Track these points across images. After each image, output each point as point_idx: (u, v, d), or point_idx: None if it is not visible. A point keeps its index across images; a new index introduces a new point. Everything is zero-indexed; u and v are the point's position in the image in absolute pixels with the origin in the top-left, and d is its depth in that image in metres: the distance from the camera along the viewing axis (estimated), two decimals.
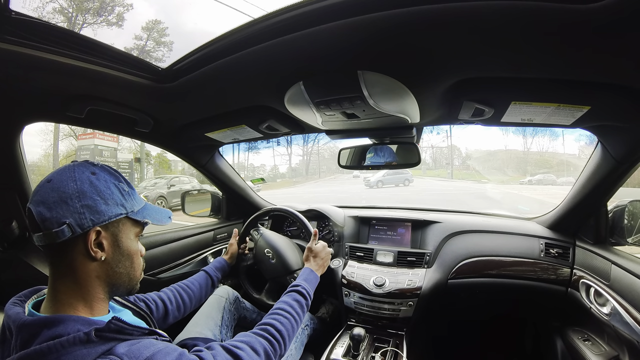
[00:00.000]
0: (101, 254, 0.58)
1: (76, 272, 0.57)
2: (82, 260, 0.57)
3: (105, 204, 0.58)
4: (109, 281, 0.61)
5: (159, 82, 0.89)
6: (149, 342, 0.55)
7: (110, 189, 0.60)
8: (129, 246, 0.63)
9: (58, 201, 0.54)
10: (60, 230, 0.53)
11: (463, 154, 28.73)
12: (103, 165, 0.63)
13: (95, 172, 0.60)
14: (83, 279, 0.57)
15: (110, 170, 0.63)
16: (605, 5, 0.45)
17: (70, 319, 0.52)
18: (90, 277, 0.58)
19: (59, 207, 0.54)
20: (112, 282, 0.62)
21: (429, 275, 1.37)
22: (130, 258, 0.64)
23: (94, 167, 0.61)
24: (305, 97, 0.86)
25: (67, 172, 0.57)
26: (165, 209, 0.74)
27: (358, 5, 0.55)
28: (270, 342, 0.78)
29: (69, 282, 0.57)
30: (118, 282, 0.63)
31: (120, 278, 0.63)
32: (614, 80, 0.68)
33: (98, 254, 0.58)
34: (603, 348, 1.13)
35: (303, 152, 30.04)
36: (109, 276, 0.61)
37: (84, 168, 0.59)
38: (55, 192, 0.55)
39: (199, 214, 1.88)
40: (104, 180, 0.60)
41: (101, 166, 0.63)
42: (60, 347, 0.47)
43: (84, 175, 0.57)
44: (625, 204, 1.13)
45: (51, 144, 16.02)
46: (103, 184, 0.59)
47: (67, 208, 0.54)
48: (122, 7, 16.07)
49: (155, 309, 0.95)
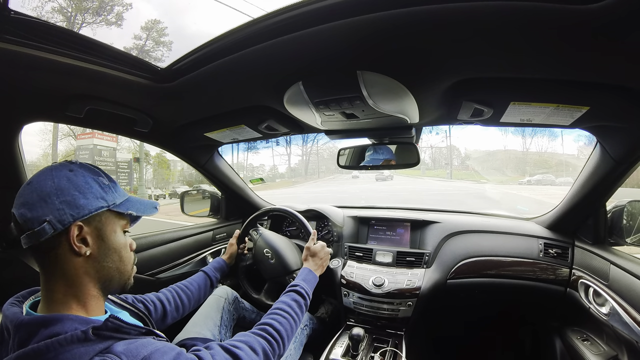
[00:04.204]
0: (85, 249, 0.58)
1: (65, 270, 0.57)
2: (68, 257, 0.57)
3: (84, 198, 0.58)
4: (98, 277, 0.60)
5: (158, 82, 0.88)
6: (147, 341, 0.55)
7: (89, 183, 0.59)
8: (115, 240, 0.63)
9: (38, 200, 0.55)
10: (41, 228, 0.53)
11: (462, 154, 28.84)
12: (82, 162, 0.63)
13: (72, 169, 0.60)
14: (72, 277, 0.57)
15: (88, 167, 0.63)
16: (604, 6, 0.45)
17: (68, 318, 0.52)
18: (79, 274, 0.58)
19: (39, 206, 0.54)
20: (102, 278, 0.61)
21: (428, 275, 1.37)
22: (118, 252, 0.63)
23: (71, 164, 0.61)
24: (305, 97, 0.86)
25: (45, 172, 0.58)
26: (150, 200, 0.74)
27: (358, 6, 0.55)
28: (269, 342, 0.78)
29: (60, 281, 0.57)
30: (108, 278, 0.62)
31: (109, 273, 0.62)
32: (613, 81, 0.68)
33: (82, 249, 0.57)
34: (602, 348, 1.13)
35: (302, 152, 30.11)
36: (98, 271, 0.60)
37: (61, 167, 0.59)
38: (35, 193, 0.55)
39: (198, 214, 1.88)
40: (81, 175, 0.59)
41: (79, 164, 0.62)
42: (58, 345, 0.47)
43: (61, 173, 0.58)
44: (624, 204, 1.13)
45: (50, 143, 16.02)
46: (81, 179, 0.59)
47: (47, 206, 0.54)
48: (122, 6, 16.07)
49: (154, 309, 0.95)
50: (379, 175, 19.31)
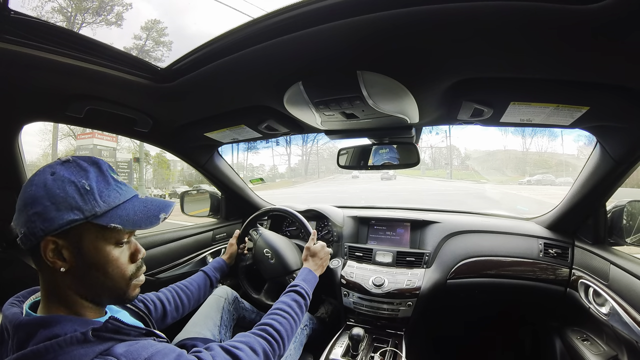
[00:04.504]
0: (61, 264, 0.52)
1: (49, 282, 0.55)
2: (49, 270, 0.53)
3: (56, 210, 0.51)
4: (83, 292, 0.56)
5: (158, 82, 0.89)
6: (148, 342, 0.55)
7: (66, 191, 0.52)
8: (95, 256, 0.55)
9: (19, 208, 0.52)
10: (19, 239, 0.52)
11: (462, 154, 28.87)
12: (72, 159, 0.56)
13: (55, 171, 0.53)
14: (57, 290, 0.54)
15: (75, 166, 0.55)
16: (604, 6, 0.45)
17: (67, 319, 0.52)
18: (61, 288, 0.54)
19: (19, 214, 0.52)
20: (88, 294, 0.56)
21: (427, 275, 1.37)
22: (101, 268, 0.55)
23: (58, 165, 0.54)
24: (305, 97, 0.86)
25: (32, 176, 0.54)
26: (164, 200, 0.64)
27: (358, 6, 0.55)
28: (269, 342, 0.78)
29: (50, 289, 0.55)
30: (95, 294, 0.57)
31: (94, 289, 0.56)
32: (613, 81, 0.68)
33: (57, 264, 0.52)
34: (602, 348, 1.13)
35: (302, 152, 30.13)
36: (81, 287, 0.55)
37: (47, 168, 0.54)
38: (20, 199, 0.53)
39: (198, 214, 1.88)
40: (60, 180, 0.52)
41: (67, 163, 0.55)
42: (57, 347, 0.47)
43: (41, 178, 0.53)
44: (624, 204, 1.13)
45: (50, 143, 16.02)
46: (58, 185, 0.52)
47: (22, 216, 0.51)
48: (122, 6, 16.09)
49: (154, 309, 0.95)
50: (385, 174, 19.70)
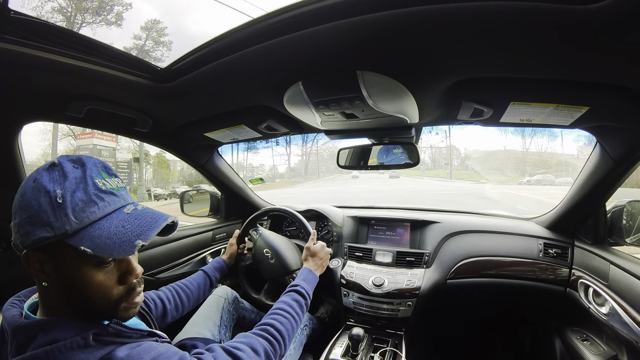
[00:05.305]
0: (44, 278, 0.50)
1: (40, 289, 0.53)
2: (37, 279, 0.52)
3: (30, 223, 0.47)
4: (74, 309, 0.52)
5: (158, 82, 0.88)
6: (149, 345, 0.54)
7: (40, 203, 0.46)
8: (72, 278, 0.50)
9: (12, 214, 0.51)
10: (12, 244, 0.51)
11: (462, 154, 28.88)
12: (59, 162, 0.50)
13: (37, 178, 0.49)
14: (48, 300, 0.53)
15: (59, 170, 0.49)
16: (604, 6, 0.45)
17: (67, 323, 0.51)
18: (52, 299, 0.52)
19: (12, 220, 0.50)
20: (77, 311, 0.52)
21: (427, 275, 1.37)
22: (80, 292, 0.50)
23: (43, 170, 0.50)
24: (305, 97, 0.86)
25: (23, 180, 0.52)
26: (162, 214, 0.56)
27: (358, 6, 0.55)
28: (271, 342, 0.78)
29: (44, 295, 0.54)
30: (81, 312, 0.53)
31: (80, 308, 0.52)
32: (612, 81, 0.68)
33: (40, 277, 0.50)
34: (602, 348, 1.13)
35: (302, 152, 30.12)
36: (68, 304, 0.52)
37: (33, 174, 0.50)
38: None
39: (197, 214, 1.88)
40: (37, 190, 0.47)
41: (50, 166, 0.50)
42: (57, 352, 0.46)
43: (24, 185, 0.50)
44: (624, 204, 1.13)
45: (50, 143, 16.01)
46: (34, 195, 0.47)
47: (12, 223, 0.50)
48: (121, 6, 16.08)
49: (154, 307, 0.95)
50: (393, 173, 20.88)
